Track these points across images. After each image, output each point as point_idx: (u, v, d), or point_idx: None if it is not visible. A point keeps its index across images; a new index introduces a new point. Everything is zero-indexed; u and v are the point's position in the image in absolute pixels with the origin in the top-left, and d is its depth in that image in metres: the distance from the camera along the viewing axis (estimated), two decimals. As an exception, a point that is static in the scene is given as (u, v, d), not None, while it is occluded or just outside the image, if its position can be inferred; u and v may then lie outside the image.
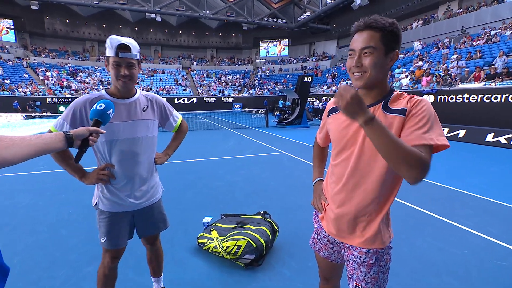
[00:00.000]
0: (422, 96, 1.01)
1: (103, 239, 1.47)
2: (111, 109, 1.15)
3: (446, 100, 10.53)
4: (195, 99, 26.60)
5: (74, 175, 1.39)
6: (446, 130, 9.06)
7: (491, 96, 9.00)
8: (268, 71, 33.59)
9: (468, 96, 9.71)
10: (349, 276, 1.11)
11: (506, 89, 8.70)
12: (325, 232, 1.20)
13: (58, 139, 0.88)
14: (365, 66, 0.95)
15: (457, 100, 10.12)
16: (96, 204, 1.47)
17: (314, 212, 1.31)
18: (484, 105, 9.23)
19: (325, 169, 1.40)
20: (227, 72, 34.08)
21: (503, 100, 8.70)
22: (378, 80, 0.97)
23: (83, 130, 0.99)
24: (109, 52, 1.28)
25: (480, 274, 2.15)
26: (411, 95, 0.97)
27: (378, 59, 0.93)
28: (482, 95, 9.27)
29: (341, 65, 26.50)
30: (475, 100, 9.50)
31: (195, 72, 33.20)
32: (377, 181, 1.00)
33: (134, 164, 1.42)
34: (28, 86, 22.78)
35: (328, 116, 1.18)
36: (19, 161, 0.74)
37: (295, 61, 33.74)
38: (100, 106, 1.11)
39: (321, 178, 1.34)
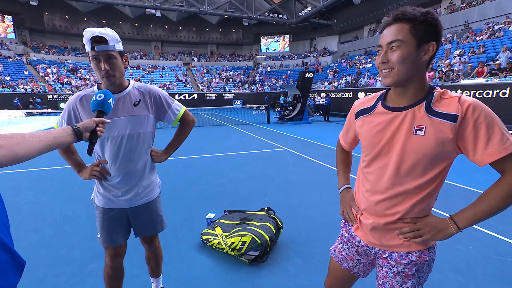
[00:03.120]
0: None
1: (99, 235, 1.46)
2: (111, 98, 1.12)
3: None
4: (195, 96, 26.53)
5: (74, 169, 1.42)
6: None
7: (497, 92, 8.92)
8: (269, 67, 33.44)
9: (471, 91, 9.64)
10: (380, 283, 1.04)
11: (510, 84, 8.62)
12: (358, 243, 1.10)
13: (66, 134, 0.89)
14: (392, 62, 0.86)
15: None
16: (92, 199, 1.48)
17: (344, 221, 1.21)
18: (488, 101, 9.15)
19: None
20: (227, 68, 33.93)
21: (507, 96, 8.64)
22: (410, 76, 0.87)
23: (90, 122, 1.00)
24: (87, 47, 1.20)
25: (485, 270, 2.14)
26: (458, 94, 0.86)
27: (406, 53, 0.84)
28: (486, 91, 9.21)
29: (343, 60, 26.34)
30: (479, 96, 9.43)
31: (195, 68, 33.08)
32: (421, 188, 0.91)
33: (128, 161, 1.36)
34: (28, 83, 22.76)
35: (356, 118, 1.08)
36: (31, 156, 0.75)
37: (296, 57, 33.54)
38: (100, 97, 1.09)
39: (349, 185, 1.23)
